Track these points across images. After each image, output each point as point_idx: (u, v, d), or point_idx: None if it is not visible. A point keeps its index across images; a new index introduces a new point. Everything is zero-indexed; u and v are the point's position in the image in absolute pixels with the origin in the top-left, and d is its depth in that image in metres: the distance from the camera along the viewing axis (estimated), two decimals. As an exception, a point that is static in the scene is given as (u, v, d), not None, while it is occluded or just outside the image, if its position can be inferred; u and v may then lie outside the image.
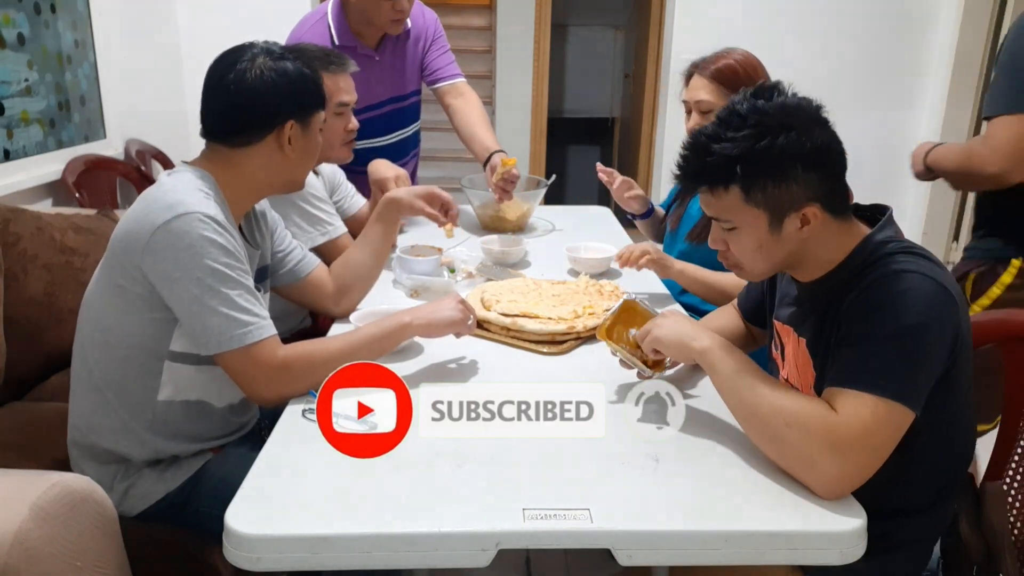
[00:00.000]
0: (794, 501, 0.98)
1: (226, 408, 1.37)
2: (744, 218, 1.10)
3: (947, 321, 1.03)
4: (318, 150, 1.39)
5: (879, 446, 0.99)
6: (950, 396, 1.09)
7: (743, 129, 1.05)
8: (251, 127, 1.29)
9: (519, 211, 2.33)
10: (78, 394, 1.33)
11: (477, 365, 1.40)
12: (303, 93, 1.32)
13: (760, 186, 1.06)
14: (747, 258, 1.15)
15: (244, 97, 1.28)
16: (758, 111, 1.06)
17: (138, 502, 1.30)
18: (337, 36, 2.17)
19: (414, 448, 1.10)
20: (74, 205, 2.53)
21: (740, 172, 1.06)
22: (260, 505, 0.97)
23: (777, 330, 1.29)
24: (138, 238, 1.19)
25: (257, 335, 1.21)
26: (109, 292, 1.26)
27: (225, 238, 1.21)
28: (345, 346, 1.29)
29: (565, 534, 0.94)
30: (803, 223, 1.09)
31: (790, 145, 1.04)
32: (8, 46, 2.35)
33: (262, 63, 1.28)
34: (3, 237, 1.69)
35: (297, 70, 1.31)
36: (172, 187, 1.24)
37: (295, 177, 1.40)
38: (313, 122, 1.34)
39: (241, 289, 1.21)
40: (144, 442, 1.29)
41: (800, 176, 1.06)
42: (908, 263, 1.05)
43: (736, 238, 1.13)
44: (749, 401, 1.06)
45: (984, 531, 1.19)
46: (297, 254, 1.56)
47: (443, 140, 4.38)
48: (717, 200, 1.11)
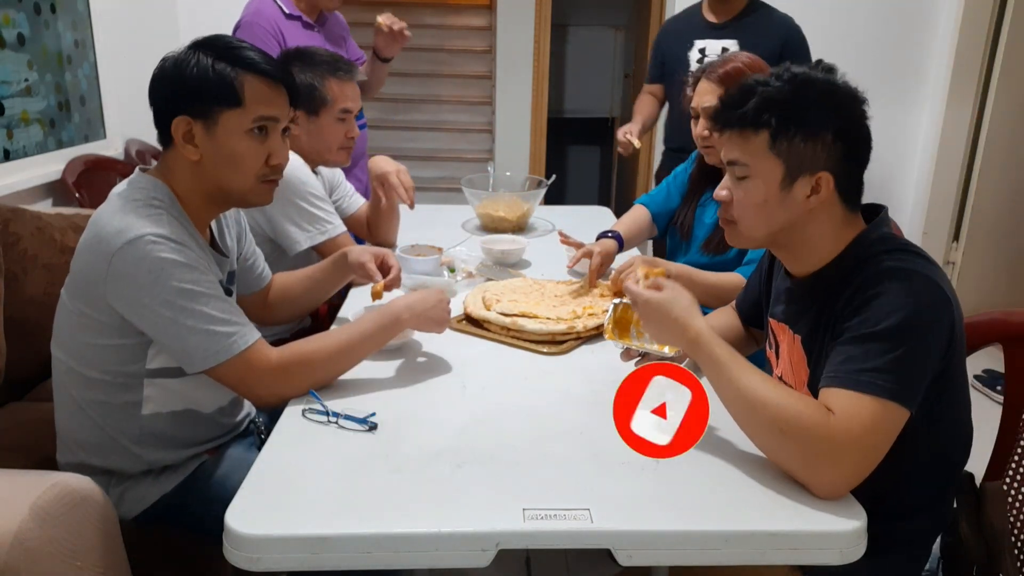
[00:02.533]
0: (794, 501, 0.98)
1: (215, 412, 1.36)
2: (762, 166, 1.10)
3: (942, 320, 1.03)
4: (247, 155, 1.23)
5: (876, 446, 0.99)
6: (946, 395, 1.09)
7: (792, 82, 1.09)
8: (158, 125, 1.23)
9: (519, 211, 2.33)
10: (62, 415, 1.31)
11: (477, 365, 1.40)
12: (198, 88, 1.18)
13: (788, 136, 1.08)
14: (748, 214, 1.14)
15: (150, 94, 1.23)
16: (809, 74, 1.11)
17: (134, 505, 1.30)
18: (284, 5, 2.35)
19: (414, 448, 1.10)
20: (74, 205, 2.53)
21: (777, 116, 1.08)
22: (260, 505, 0.97)
23: (772, 328, 1.29)
24: (96, 270, 1.16)
25: (242, 344, 1.19)
26: (78, 320, 1.22)
27: (184, 254, 1.17)
28: (340, 342, 1.28)
29: (565, 534, 0.94)
30: (813, 191, 1.09)
31: (829, 110, 1.08)
32: (8, 46, 2.35)
33: (175, 57, 1.21)
34: (3, 237, 1.69)
35: (198, 63, 1.18)
36: (120, 207, 1.19)
37: (223, 185, 1.24)
38: (221, 121, 1.19)
39: (213, 301, 1.18)
40: (134, 456, 1.28)
41: (828, 142, 1.08)
42: (904, 261, 1.05)
43: (745, 188, 1.13)
44: (747, 402, 1.04)
45: (984, 531, 1.19)
46: (256, 268, 1.55)
47: (443, 140, 4.39)
48: (743, 141, 1.11)
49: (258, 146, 1.23)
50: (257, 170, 1.25)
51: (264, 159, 1.25)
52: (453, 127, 4.38)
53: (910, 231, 3.75)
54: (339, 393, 1.26)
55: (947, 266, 3.79)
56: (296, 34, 2.35)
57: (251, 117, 1.21)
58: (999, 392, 2.78)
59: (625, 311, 1.32)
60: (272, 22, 2.28)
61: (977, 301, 3.66)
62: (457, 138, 4.41)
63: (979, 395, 2.91)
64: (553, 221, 2.43)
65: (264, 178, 1.26)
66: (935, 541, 1.22)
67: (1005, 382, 1.34)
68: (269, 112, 1.23)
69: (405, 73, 4.13)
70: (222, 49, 1.21)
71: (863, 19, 3.59)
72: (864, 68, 3.64)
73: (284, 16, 2.34)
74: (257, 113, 1.22)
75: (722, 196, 1.17)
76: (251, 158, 1.23)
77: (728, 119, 1.13)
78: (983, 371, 2.99)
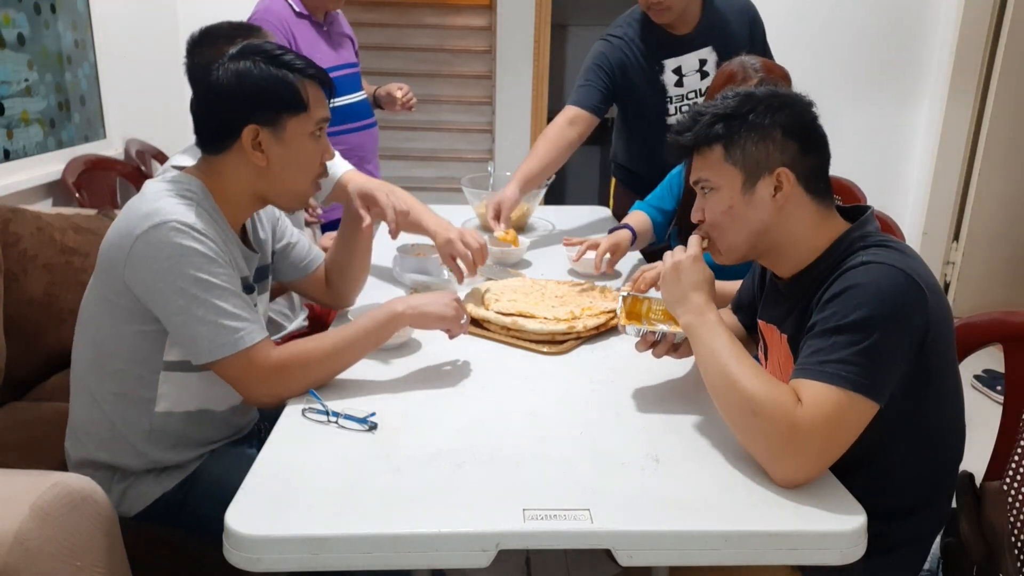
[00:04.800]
0: (794, 501, 0.98)
1: (228, 411, 1.37)
2: (721, 177, 1.15)
3: (913, 313, 1.03)
4: (310, 157, 1.29)
5: (839, 437, 1.00)
6: (931, 390, 1.09)
7: (735, 98, 1.16)
8: (217, 135, 1.27)
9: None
10: (76, 406, 1.33)
11: (477, 365, 1.40)
12: (263, 97, 1.23)
13: (740, 143, 1.13)
14: (720, 223, 1.18)
15: (207, 103, 1.26)
16: (751, 91, 1.18)
17: (135, 503, 1.30)
18: (295, 3, 2.35)
19: (414, 448, 1.10)
20: (74, 205, 2.53)
21: (723, 128, 1.14)
22: (260, 505, 0.97)
23: (761, 330, 1.30)
24: (119, 251, 1.19)
25: (248, 340, 1.19)
26: (99, 307, 1.25)
27: (206, 245, 1.18)
28: (339, 342, 1.28)
29: (565, 534, 0.94)
30: (776, 188, 1.12)
31: (773, 112, 1.13)
32: (8, 46, 2.35)
33: (228, 66, 1.23)
34: (3, 237, 1.69)
35: (261, 72, 1.23)
36: (151, 195, 1.22)
37: (287, 187, 1.30)
38: (288, 126, 1.25)
39: (227, 295, 1.19)
40: (141, 454, 1.29)
41: (779, 140, 1.13)
42: (876, 255, 1.06)
43: (711, 200, 1.18)
44: (723, 380, 1.07)
45: (984, 531, 1.19)
46: (302, 248, 1.55)
47: (443, 140, 4.39)
48: (702, 160, 1.18)
49: (318, 147, 1.30)
50: (316, 170, 1.32)
51: (320, 158, 1.32)
52: (453, 127, 4.38)
53: (910, 231, 3.75)
54: (339, 393, 1.26)
55: (947, 266, 3.79)
56: (306, 33, 2.36)
57: (314, 120, 1.27)
58: (999, 392, 2.78)
59: (635, 303, 1.35)
60: (283, 21, 2.28)
61: (977, 301, 3.67)
62: (457, 138, 4.41)
63: (979, 395, 2.91)
64: (553, 221, 2.43)
65: (318, 178, 1.33)
66: (935, 541, 1.23)
67: (1005, 382, 1.34)
68: (326, 114, 1.31)
69: (405, 73, 4.13)
70: (274, 56, 1.25)
71: (863, 19, 3.59)
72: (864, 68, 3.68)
73: (295, 15, 2.34)
74: (319, 116, 1.28)
75: (697, 217, 1.21)
76: (313, 159, 1.30)
77: (683, 144, 1.19)
78: (983, 371, 2.99)
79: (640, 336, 1.27)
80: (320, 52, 2.38)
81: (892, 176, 3.75)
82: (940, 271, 3.78)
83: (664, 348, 1.28)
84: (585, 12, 5.69)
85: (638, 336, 1.27)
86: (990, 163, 3.57)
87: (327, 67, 1.95)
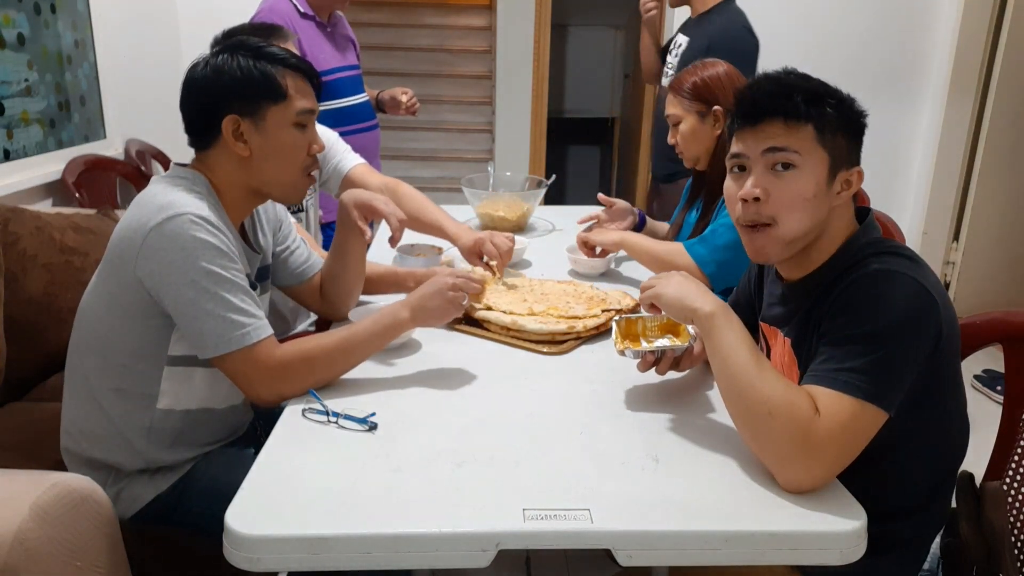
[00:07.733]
0: (794, 501, 0.98)
1: (227, 410, 1.37)
2: (811, 157, 1.08)
3: (927, 323, 1.02)
4: (295, 147, 1.29)
5: (851, 446, 1.00)
6: (938, 395, 1.09)
7: (814, 80, 1.12)
8: (201, 128, 1.28)
9: (519, 211, 2.33)
10: (71, 402, 1.32)
11: (477, 365, 1.40)
12: (244, 87, 1.24)
13: (833, 130, 1.09)
14: (795, 207, 1.09)
15: (189, 97, 1.28)
16: (824, 83, 1.14)
17: (130, 505, 1.30)
18: (299, 3, 2.38)
19: (414, 448, 1.10)
20: (74, 205, 2.53)
21: (830, 109, 1.08)
22: (260, 505, 0.97)
23: (763, 332, 1.29)
24: (132, 243, 1.19)
25: (254, 336, 1.20)
26: (105, 301, 1.25)
27: (219, 239, 1.20)
28: (342, 343, 1.28)
29: (565, 534, 0.94)
30: (844, 186, 1.11)
31: (855, 109, 1.12)
32: (8, 46, 2.35)
33: (209, 60, 1.25)
34: (3, 237, 1.69)
35: (239, 64, 1.24)
36: (164, 189, 1.23)
37: (274, 178, 1.30)
38: (269, 116, 1.25)
39: (236, 290, 1.20)
40: (138, 452, 1.29)
41: (859, 142, 1.12)
42: (890, 263, 1.06)
43: (791, 179, 1.08)
44: (740, 380, 1.04)
45: (984, 531, 1.19)
46: (301, 255, 1.54)
47: (443, 140, 4.39)
48: (787, 132, 1.08)
49: (303, 138, 1.30)
50: (303, 160, 1.32)
51: (307, 149, 1.32)
52: (453, 127, 4.39)
53: (910, 231, 3.75)
54: (339, 393, 1.26)
55: (947, 266, 3.79)
56: (309, 33, 2.36)
57: (295, 110, 1.28)
58: (999, 392, 2.78)
59: (629, 325, 1.32)
60: (287, 20, 2.29)
61: (977, 301, 3.67)
62: (457, 138, 4.41)
63: (979, 395, 2.91)
64: (553, 221, 2.43)
65: (308, 169, 1.33)
66: (935, 541, 1.23)
67: (1005, 382, 1.34)
68: (310, 105, 1.31)
69: (405, 73, 4.13)
70: (255, 49, 1.27)
71: (863, 19, 3.59)
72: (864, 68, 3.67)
73: (299, 15, 2.36)
74: (301, 106, 1.29)
75: (755, 194, 1.10)
76: (298, 149, 1.30)
77: (771, 109, 1.09)
78: (983, 371, 2.99)
79: (640, 358, 1.26)
80: (324, 53, 2.39)
81: (892, 176, 3.75)
82: (940, 271, 3.78)
83: (666, 365, 1.26)
84: (585, 12, 5.70)
85: (638, 358, 1.26)
86: (990, 163, 3.57)
87: (331, 68, 1.96)
